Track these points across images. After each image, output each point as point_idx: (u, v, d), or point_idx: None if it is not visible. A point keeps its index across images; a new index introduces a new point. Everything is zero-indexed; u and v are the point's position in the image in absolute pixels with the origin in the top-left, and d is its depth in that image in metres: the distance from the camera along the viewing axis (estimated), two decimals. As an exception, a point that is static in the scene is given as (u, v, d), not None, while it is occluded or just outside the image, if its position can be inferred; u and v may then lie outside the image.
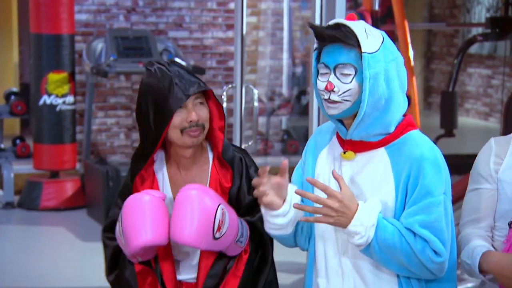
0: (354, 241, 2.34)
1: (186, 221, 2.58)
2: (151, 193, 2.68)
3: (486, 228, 2.60)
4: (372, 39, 2.37)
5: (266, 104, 9.26)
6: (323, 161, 2.54)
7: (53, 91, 7.57)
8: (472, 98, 12.06)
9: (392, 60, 2.39)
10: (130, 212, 2.65)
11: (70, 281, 5.70)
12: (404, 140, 2.42)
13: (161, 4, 8.86)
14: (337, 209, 2.31)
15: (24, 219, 7.43)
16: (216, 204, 2.61)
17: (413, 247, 2.33)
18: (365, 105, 2.36)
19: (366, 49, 2.35)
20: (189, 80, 2.69)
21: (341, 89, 2.37)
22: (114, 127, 8.77)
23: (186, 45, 8.94)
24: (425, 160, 2.37)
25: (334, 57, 2.39)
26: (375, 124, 2.40)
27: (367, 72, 2.34)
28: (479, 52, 11.60)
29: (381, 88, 2.36)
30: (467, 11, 11.94)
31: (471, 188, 2.65)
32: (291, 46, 9.44)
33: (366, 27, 2.39)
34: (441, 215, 2.36)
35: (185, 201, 2.60)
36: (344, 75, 2.38)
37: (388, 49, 2.39)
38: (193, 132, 2.69)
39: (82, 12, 8.56)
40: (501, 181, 2.57)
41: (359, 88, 2.37)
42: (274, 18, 9.37)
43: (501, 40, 7.18)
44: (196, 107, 2.69)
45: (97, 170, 7.30)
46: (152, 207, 2.64)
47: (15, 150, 7.96)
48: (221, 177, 2.77)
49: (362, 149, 2.43)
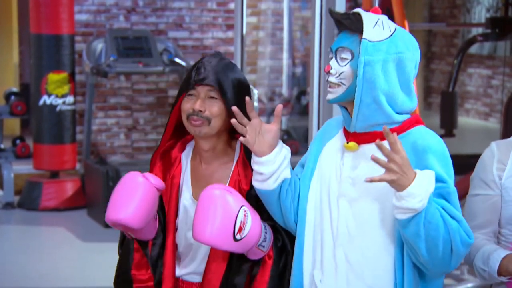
0: (410, 205, 2.26)
1: (208, 220, 2.55)
2: (149, 177, 2.67)
3: (490, 234, 2.60)
4: (380, 30, 2.40)
5: (266, 104, 9.26)
6: (328, 151, 2.54)
7: (53, 91, 7.58)
8: (472, 98, 12.05)
9: (395, 53, 2.39)
10: (118, 186, 2.67)
11: (70, 281, 5.70)
12: (410, 133, 2.43)
13: (161, 4, 8.86)
14: (401, 166, 2.25)
15: (24, 219, 7.43)
16: (239, 205, 2.57)
17: (450, 226, 2.30)
18: (360, 91, 2.38)
19: (367, 36, 2.38)
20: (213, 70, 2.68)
21: (337, 71, 2.42)
22: (114, 127, 8.78)
23: (186, 45, 8.94)
24: (433, 151, 2.37)
25: (338, 42, 2.45)
26: (375, 115, 2.40)
27: (362, 57, 2.37)
28: (479, 52, 11.59)
29: (379, 78, 2.37)
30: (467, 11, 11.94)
31: (473, 193, 2.63)
32: (291, 47, 9.44)
33: (382, 20, 2.42)
34: (458, 205, 2.37)
35: (208, 200, 2.57)
36: (342, 59, 2.42)
37: (396, 44, 2.40)
38: (194, 121, 2.67)
39: (82, 12, 8.56)
40: (505, 188, 2.55)
41: (352, 73, 2.40)
42: (274, 18, 9.37)
43: (501, 40, 7.19)
44: (207, 99, 2.68)
45: (97, 170, 7.30)
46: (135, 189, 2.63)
47: (15, 150, 7.96)
48: (241, 179, 2.74)
49: (366, 141, 2.43)
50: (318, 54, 4.09)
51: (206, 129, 2.69)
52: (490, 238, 2.59)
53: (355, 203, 2.42)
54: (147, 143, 8.88)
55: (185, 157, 2.83)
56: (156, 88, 8.87)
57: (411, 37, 2.47)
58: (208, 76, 2.67)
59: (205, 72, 2.67)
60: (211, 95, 2.68)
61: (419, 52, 2.48)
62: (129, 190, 2.63)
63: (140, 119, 8.83)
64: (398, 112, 2.43)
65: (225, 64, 2.72)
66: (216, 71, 2.68)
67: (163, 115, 8.88)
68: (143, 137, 8.86)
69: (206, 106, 2.67)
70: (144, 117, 8.83)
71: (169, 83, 8.88)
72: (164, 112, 8.87)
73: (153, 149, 8.84)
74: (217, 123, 2.70)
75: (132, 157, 8.81)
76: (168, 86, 8.90)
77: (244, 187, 2.73)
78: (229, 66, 2.73)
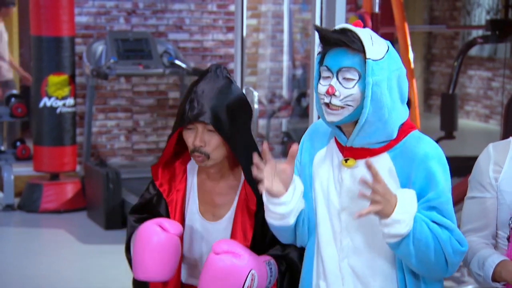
0: (395, 231, 2.27)
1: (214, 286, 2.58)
2: (168, 228, 2.68)
3: (488, 236, 2.59)
4: (378, 46, 2.35)
5: (266, 106, 9.26)
6: (321, 163, 2.51)
7: (53, 94, 7.58)
8: (472, 100, 12.06)
9: (396, 70, 2.36)
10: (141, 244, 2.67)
11: (70, 283, 5.70)
12: (406, 142, 2.41)
13: (161, 6, 8.86)
14: (384, 195, 2.26)
15: (24, 222, 7.43)
16: (247, 271, 2.58)
17: (440, 238, 2.30)
18: (366, 112, 2.33)
19: (371, 55, 2.32)
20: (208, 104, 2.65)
21: (342, 94, 2.34)
22: (114, 129, 8.77)
23: (186, 47, 8.94)
24: (430, 159, 2.36)
25: (338, 61, 2.36)
26: (377, 133, 2.37)
27: (370, 78, 2.31)
28: (479, 54, 11.60)
29: (385, 96, 2.33)
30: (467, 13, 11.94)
31: (470, 195, 2.62)
32: (291, 49, 9.44)
33: (372, 35, 2.37)
34: (451, 212, 2.36)
35: (215, 265, 2.57)
36: (347, 79, 2.34)
37: (393, 59, 2.37)
38: (197, 158, 2.69)
39: (82, 15, 8.56)
40: (501, 190, 2.54)
41: (361, 94, 2.34)
42: (274, 20, 9.37)
43: (501, 42, 7.19)
44: (205, 132, 2.68)
45: (97, 172, 7.30)
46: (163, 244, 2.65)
47: (15, 152, 7.96)
48: (249, 199, 2.75)
49: (363, 156, 2.41)
50: (318, 56, 4.08)
51: (209, 162, 2.71)
52: (488, 240, 2.59)
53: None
54: (147, 145, 8.88)
55: (191, 170, 2.84)
56: (156, 90, 8.87)
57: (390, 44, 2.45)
58: (202, 111, 2.64)
59: (199, 107, 2.64)
60: (209, 128, 2.67)
61: None
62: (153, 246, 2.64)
63: (140, 121, 8.83)
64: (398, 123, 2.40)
65: (219, 88, 2.68)
66: (210, 104, 2.65)
67: (163, 117, 8.87)
68: (143, 139, 8.86)
69: (205, 140, 2.67)
70: (144, 119, 8.83)
71: (169, 85, 8.88)
72: (164, 114, 8.87)
73: (153, 151, 8.84)
74: (217, 155, 2.70)
75: (132, 159, 8.81)
76: (168, 88, 8.90)
77: (252, 207, 2.74)
78: (223, 89, 2.69)
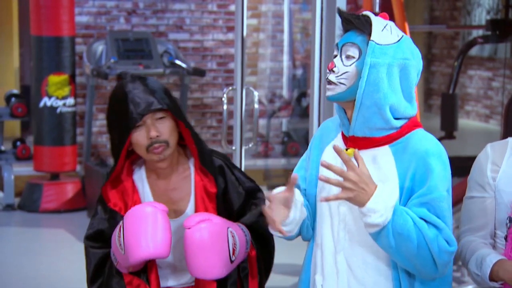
0: (372, 220, 2.28)
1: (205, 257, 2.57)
2: (155, 205, 2.66)
3: (486, 236, 2.59)
4: (388, 34, 2.39)
5: (267, 106, 9.26)
6: (327, 156, 2.52)
7: (53, 93, 7.58)
8: (473, 100, 12.05)
9: (401, 59, 2.38)
10: (132, 224, 2.62)
11: (70, 283, 5.70)
12: (409, 138, 2.42)
13: (162, 6, 8.86)
14: (357, 183, 2.26)
15: (24, 221, 7.43)
16: (225, 229, 2.60)
17: (426, 235, 2.30)
18: (361, 92, 2.36)
19: (375, 38, 2.37)
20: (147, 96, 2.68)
21: (340, 70, 2.39)
22: (114, 129, 8.77)
23: (186, 47, 8.94)
24: (431, 155, 2.37)
25: (345, 38, 2.42)
26: (374, 118, 2.39)
27: (369, 59, 2.35)
28: (480, 54, 11.59)
29: (382, 81, 2.36)
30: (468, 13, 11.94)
31: (469, 195, 2.62)
32: (292, 48, 9.44)
33: (390, 25, 2.42)
34: (445, 210, 2.35)
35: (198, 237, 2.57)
36: (348, 57, 2.39)
37: (403, 49, 2.39)
38: (156, 149, 2.68)
39: (82, 14, 8.56)
40: (499, 190, 2.54)
41: (356, 73, 2.38)
42: (274, 20, 9.37)
43: (501, 42, 7.18)
44: (156, 122, 2.68)
45: (97, 172, 7.30)
46: (154, 219, 2.61)
47: (16, 152, 7.96)
48: (205, 183, 2.76)
49: (365, 146, 2.42)
50: (319, 56, 4.08)
51: (168, 151, 2.70)
52: (486, 240, 2.58)
53: (355, 208, 2.41)
54: (147, 145, 8.88)
55: (138, 179, 2.81)
56: (156, 90, 8.86)
57: (415, 47, 2.47)
58: (149, 102, 2.67)
59: (143, 101, 2.67)
60: (157, 116, 2.68)
61: (422, 62, 2.47)
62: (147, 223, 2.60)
63: (140, 121, 8.82)
64: (398, 118, 2.42)
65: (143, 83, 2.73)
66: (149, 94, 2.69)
67: (163, 117, 8.87)
68: (144, 139, 8.85)
69: (159, 130, 2.68)
70: (144, 119, 8.83)
71: (170, 85, 8.88)
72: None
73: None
74: (173, 140, 2.72)
75: (132, 159, 8.80)
76: (169, 88, 8.89)
77: (211, 190, 2.75)
78: (145, 82, 2.74)
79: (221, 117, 8.07)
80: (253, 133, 5.13)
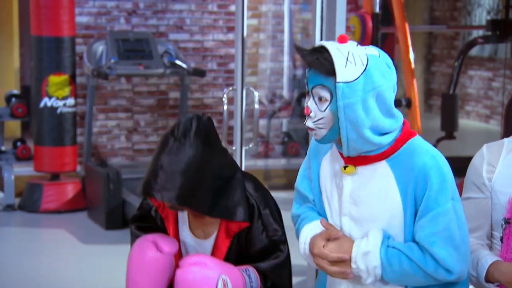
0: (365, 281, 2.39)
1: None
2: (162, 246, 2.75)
3: (482, 237, 2.58)
4: (352, 67, 2.30)
5: (267, 106, 9.26)
6: (325, 169, 2.53)
7: (53, 94, 7.57)
8: (473, 100, 12.05)
9: (373, 89, 2.32)
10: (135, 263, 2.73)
11: (70, 283, 5.70)
12: (405, 150, 2.40)
13: (162, 6, 8.86)
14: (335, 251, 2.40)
15: (24, 222, 7.42)
16: (216, 277, 2.66)
17: (426, 270, 2.34)
18: (344, 133, 2.34)
19: (341, 78, 2.30)
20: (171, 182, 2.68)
21: (317, 115, 2.37)
22: (114, 129, 8.77)
23: (186, 47, 8.94)
24: (428, 169, 2.35)
25: (312, 78, 2.37)
26: (364, 146, 2.38)
27: (341, 102, 2.30)
28: (480, 55, 11.58)
29: (360, 117, 2.32)
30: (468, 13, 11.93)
31: (465, 196, 2.62)
32: (292, 49, 9.44)
33: (352, 53, 2.32)
34: (449, 222, 2.34)
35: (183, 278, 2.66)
36: (321, 100, 2.36)
37: (370, 78, 2.32)
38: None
39: (82, 15, 8.56)
40: (495, 191, 2.53)
41: (332, 117, 2.35)
42: (274, 21, 9.37)
43: (501, 42, 7.18)
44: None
45: (97, 172, 7.30)
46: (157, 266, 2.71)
47: (16, 152, 7.96)
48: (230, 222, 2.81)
49: (363, 163, 2.42)
50: (319, 56, 4.07)
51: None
52: (483, 241, 2.58)
53: (358, 222, 2.43)
54: (147, 145, 8.88)
55: None
56: (156, 90, 8.87)
57: (384, 59, 2.37)
58: (165, 189, 2.68)
59: (162, 184, 2.69)
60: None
61: (395, 74, 2.39)
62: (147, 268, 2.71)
63: (140, 121, 8.83)
64: (386, 133, 2.39)
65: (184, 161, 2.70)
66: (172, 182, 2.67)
67: (163, 117, 8.87)
68: (144, 139, 8.86)
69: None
70: (144, 119, 8.83)
71: (170, 85, 8.88)
72: (165, 114, 8.87)
73: (154, 151, 8.83)
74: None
75: (132, 159, 8.81)
76: (169, 88, 8.90)
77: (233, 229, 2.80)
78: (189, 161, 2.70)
79: (221, 117, 8.07)
80: (253, 134, 5.13)
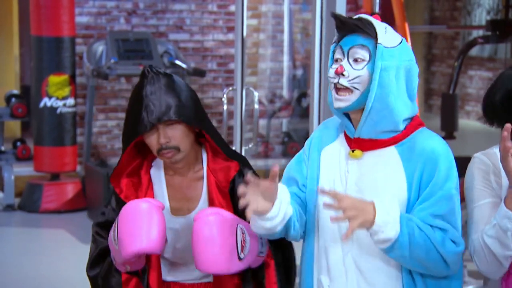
0: (385, 235, 2.27)
1: (211, 250, 2.53)
2: (150, 201, 2.65)
3: None
4: (391, 36, 2.38)
5: (267, 106, 9.26)
6: (328, 157, 2.50)
7: (53, 94, 7.57)
8: (473, 100, 12.05)
9: (407, 61, 2.38)
10: (127, 218, 2.60)
11: (70, 283, 5.70)
12: (414, 137, 2.41)
13: (162, 6, 8.86)
14: (355, 207, 2.25)
15: (24, 222, 7.43)
16: (235, 226, 2.56)
17: (433, 240, 2.31)
18: (373, 96, 2.33)
19: (382, 41, 2.35)
20: (164, 103, 2.63)
21: (351, 74, 2.35)
22: (114, 129, 8.77)
23: (186, 47, 8.94)
24: (438, 155, 2.37)
25: (351, 40, 2.38)
26: (383, 121, 2.37)
27: (379, 62, 2.33)
28: (480, 55, 11.59)
29: (392, 83, 2.34)
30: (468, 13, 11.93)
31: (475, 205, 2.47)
32: (292, 49, 9.44)
33: (387, 28, 2.40)
34: (453, 208, 2.36)
35: (205, 229, 2.54)
36: (356, 61, 2.36)
37: (405, 51, 2.39)
38: (166, 154, 2.67)
39: (82, 15, 8.56)
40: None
41: (369, 77, 2.35)
42: (274, 21, 9.37)
43: (501, 42, 7.18)
44: (167, 128, 2.65)
45: (97, 172, 7.30)
46: (149, 215, 2.59)
47: (16, 152, 7.96)
48: (218, 179, 2.74)
49: (371, 148, 2.41)
50: (319, 56, 4.08)
51: (179, 156, 2.68)
52: None
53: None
54: (147, 145, 8.88)
55: (156, 173, 2.81)
56: (156, 90, 8.86)
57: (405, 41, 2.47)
58: (162, 110, 2.61)
59: (158, 107, 2.61)
60: (168, 123, 2.65)
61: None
62: (141, 218, 2.58)
63: (140, 121, 8.82)
64: (404, 119, 2.41)
65: (166, 84, 2.65)
66: (165, 102, 2.62)
67: (163, 117, 8.87)
68: (144, 139, 8.86)
69: (169, 136, 2.64)
70: (144, 119, 8.83)
71: (170, 85, 8.87)
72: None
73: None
74: (186, 145, 2.68)
75: (132, 159, 8.80)
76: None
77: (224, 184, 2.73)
78: (169, 84, 2.66)
79: (221, 117, 8.07)
80: (253, 134, 5.13)
